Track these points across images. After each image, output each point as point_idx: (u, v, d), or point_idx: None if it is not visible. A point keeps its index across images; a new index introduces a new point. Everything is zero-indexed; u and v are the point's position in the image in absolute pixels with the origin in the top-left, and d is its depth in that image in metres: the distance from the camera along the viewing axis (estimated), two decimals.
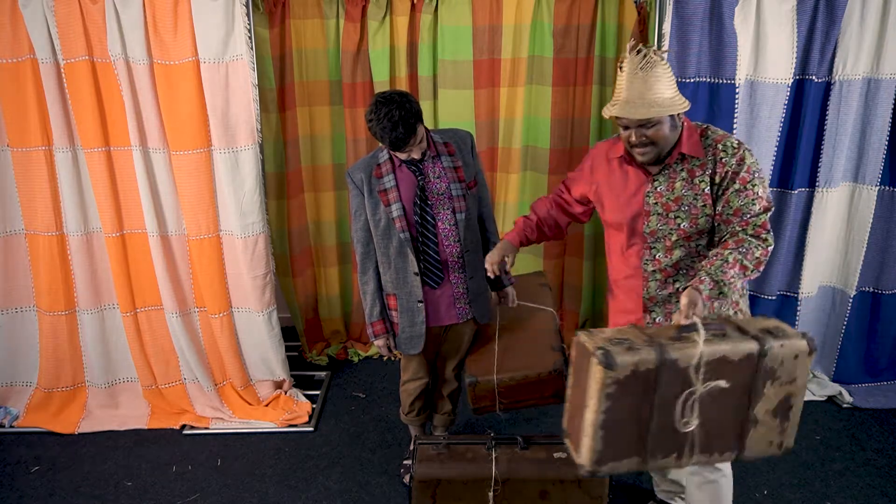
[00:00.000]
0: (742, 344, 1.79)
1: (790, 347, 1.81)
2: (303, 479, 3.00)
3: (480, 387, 2.66)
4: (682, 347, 1.77)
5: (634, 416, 1.80)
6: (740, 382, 1.82)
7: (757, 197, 2.02)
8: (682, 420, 1.81)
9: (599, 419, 1.76)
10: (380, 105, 2.35)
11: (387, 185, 2.53)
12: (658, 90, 1.98)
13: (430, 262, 2.58)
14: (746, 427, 1.87)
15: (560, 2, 3.54)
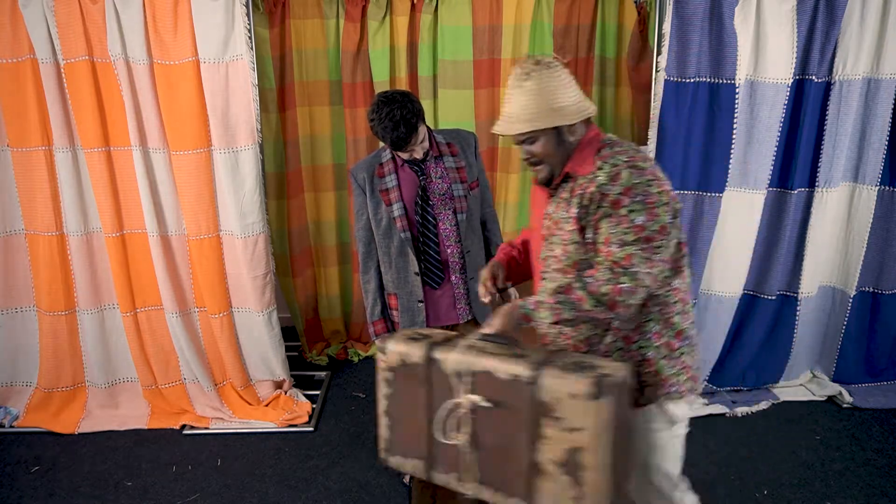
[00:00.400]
0: (510, 364, 1.62)
1: (565, 383, 1.56)
2: (303, 479, 3.00)
3: None
4: (450, 350, 1.69)
5: (415, 414, 1.75)
6: (512, 410, 1.62)
7: (632, 226, 1.67)
8: (448, 431, 1.70)
9: (383, 404, 1.79)
10: (381, 104, 2.35)
11: (388, 184, 2.53)
12: (541, 102, 1.73)
13: (430, 263, 2.58)
14: (532, 474, 1.63)
15: (560, 2, 3.54)
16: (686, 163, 3.15)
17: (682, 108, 3.06)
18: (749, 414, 3.42)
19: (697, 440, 3.22)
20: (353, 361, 4.00)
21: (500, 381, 1.63)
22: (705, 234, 3.22)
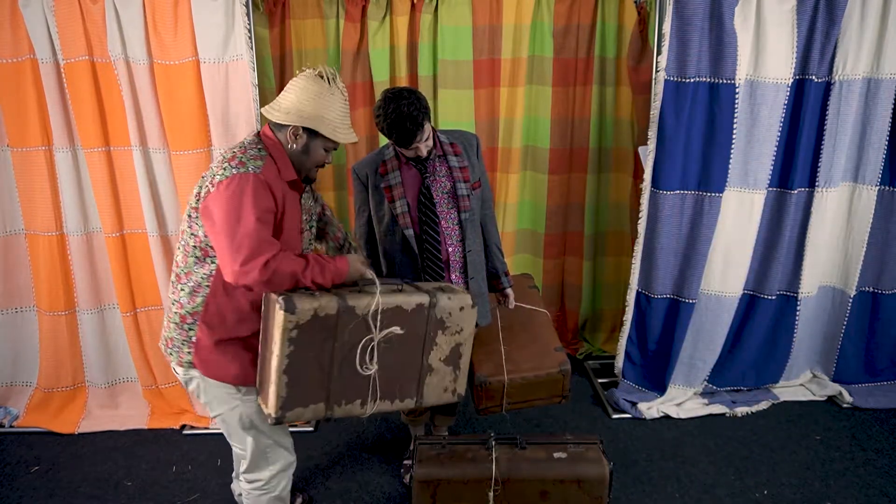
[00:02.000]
0: (414, 296, 2.08)
1: (456, 300, 2.14)
2: (303, 479, 3.00)
3: (491, 387, 2.67)
4: (360, 297, 1.99)
5: (317, 363, 1.99)
6: (414, 331, 2.09)
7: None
8: (363, 365, 2.03)
9: (283, 364, 1.94)
10: (388, 100, 2.35)
11: (392, 181, 2.53)
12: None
13: (431, 261, 2.58)
14: (423, 374, 2.15)
15: (560, 2, 3.54)
16: (686, 163, 3.15)
17: (682, 108, 3.06)
18: (749, 414, 3.42)
19: (697, 440, 3.23)
20: None
21: (407, 311, 2.07)
22: (705, 234, 3.22)
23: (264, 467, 2.28)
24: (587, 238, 3.95)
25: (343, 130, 2.11)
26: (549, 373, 2.68)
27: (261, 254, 1.90)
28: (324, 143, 2.11)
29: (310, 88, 2.06)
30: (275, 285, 1.94)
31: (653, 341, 3.46)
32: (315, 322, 1.94)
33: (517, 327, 2.91)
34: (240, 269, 1.90)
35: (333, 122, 2.08)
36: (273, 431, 2.25)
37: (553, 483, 2.53)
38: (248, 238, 1.90)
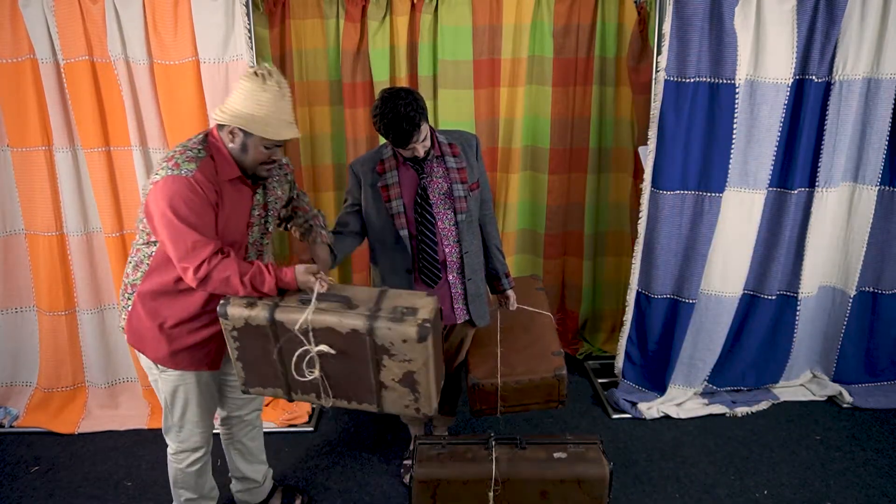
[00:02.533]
0: (349, 319, 2.02)
1: (398, 332, 2.00)
2: (303, 479, 3.00)
3: (484, 390, 2.66)
4: (291, 312, 2.04)
5: (266, 359, 2.10)
6: (356, 352, 2.06)
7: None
8: (301, 372, 2.10)
9: (235, 353, 2.13)
10: (385, 100, 2.35)
11: (389, 181, 2.53)
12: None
13: (428, 262, 2.58)
14: (378, 389, 2.15)
15: (560, 2, 3.54)
16: (686, 163, 3.15)
17: (682, 108, 3.06)
18: (749, 414, 3.42)
19: (697, 440, 3.23)
20: None
21: (341, 334, 2.03)
22: (705, 234, 3.22)
23: (174, 439, 2.42)
24: (587, 238, 3.95)
25: (276, 127, 2.07)
26: (543, 377, 2.66)
27: (194, 257, 2.02)
28: (261, 141, 2.10)
29: (244, 86, 2.07)
30: (211, 287, 2.07)
31: (653, 341, 3.46)
32: (249, 329, 2.05)
33: (517, 329, 2.90)
34: (180, 264, 2.06)
35: (266, 119, 2.06)
36: (185, 416, 2.37)
37: (553, 483, 2.53)
38: (180, 241, 2.02)
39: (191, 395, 2.33)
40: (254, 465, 2.74)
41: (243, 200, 2.20)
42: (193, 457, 2.45)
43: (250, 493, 2.77)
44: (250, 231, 2.26)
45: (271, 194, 2.32)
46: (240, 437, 2.65)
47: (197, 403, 2.35)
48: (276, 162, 2.18)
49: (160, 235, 2.07)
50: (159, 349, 2.24)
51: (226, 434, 2.65)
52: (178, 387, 2.31)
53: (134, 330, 2.26)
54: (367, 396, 2.17)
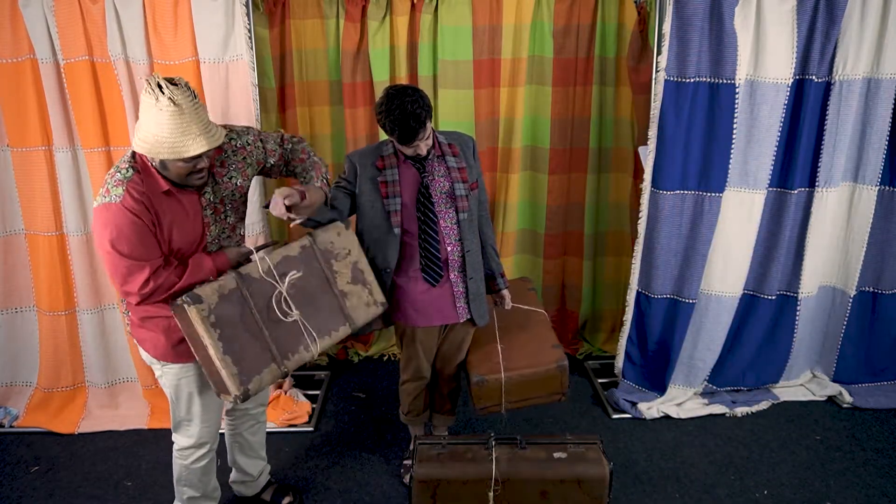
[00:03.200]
0: (294, 243, 2.33)
1: (332, 230, 2.42)
2: (303, 479, 3.00)
3: (489, 386, 2.67)
4: (250, 265, 2.22)
5: (247, 332, 2.16)
6: (311, 270, 2.33)
7: None
8: (285, 315, 2.23)
9: (220, 348, 2.10)
10: (391, 97, 2.35)
11: (388, 177, 2.53)
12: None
13: (430, 260, 2.58)
14: (342, 301, 2.38)
15: (560, 2, 3.54)
16: (686, 163, 3.14)
17: (682, 108, 3.06)
18: (749, 414, 3.42)
19: (697, 440, 3.23)
20: (353, 361, 4.00)
21: (295, 256, 2.31)
22: (705, 234, 3.22)
23: (183, 434, 2.44)
24: (587, 238, 3.95)
25: (180, 145, 1.98)
26: (546, 369, 2.69)
27: (132, 282, 2.07)
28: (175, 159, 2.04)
29: (144, 104, 1.99)
30: (158, 298, 2.13)
31: (653, 341, 3.46)
32: (223, 300, 2.12)
33: (514, 327, 2.92)
34: (121, 290, 2.12)
35: (170, 138, 1.97)
36: (190, 409, 2.38)
37: (553, 483, 2.53)
38: (116, 271, 2.08)
39: (194, 388, 2.34)
40: (252, 460, 2.76)
41: (188, 207, 2.18)
42: (199, 453, 2.46)
43: (245, 486, 2.82)
44: (208, 231, 2.25)
45: (225, 188, 2.26)
46: (241, 431, 2.69)
47: (200, 395, 2.36)
48: (203, 170, 2.10)
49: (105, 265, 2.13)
50: (159, 345, 2.27)
51: (230, 425, 2.69)
52: (181, 380, 2.33)
53: (137, 331, 2.31)
54: (339, 319, 2.38)
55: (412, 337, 2.72)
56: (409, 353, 2.78)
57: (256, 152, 2.34)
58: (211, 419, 2.43)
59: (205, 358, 2.13)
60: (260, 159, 2.36)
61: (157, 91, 1.95)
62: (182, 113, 1.96)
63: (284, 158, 2.44)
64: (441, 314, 2.66)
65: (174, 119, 1.95)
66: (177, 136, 1.96)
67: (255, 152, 2.34)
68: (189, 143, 1.98)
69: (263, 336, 2.20)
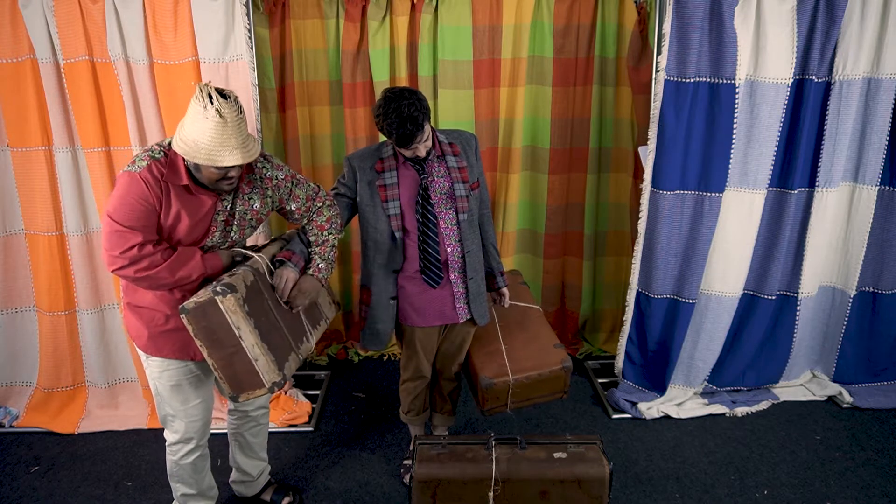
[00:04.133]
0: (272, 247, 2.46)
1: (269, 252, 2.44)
2: (303, 478, 3.00)
3: (496, 388, 2.69)
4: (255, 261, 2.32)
5: (269, 322, 2.24)
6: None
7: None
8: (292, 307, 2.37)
9: (257, 334, 2.15)
10: (389, 100, 2.35)
11: (387, 181, 2.53)
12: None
13: (430, 261, 2.58)
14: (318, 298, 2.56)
15: (560, 2, 3.54)
16: (686, 163, 3.15)
17: (682, 108, 3.06)
18: (749, 414, 3.42)
19: (697, 440, 3.23)
20: (353, 361, 4.00)
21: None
22: (705, 234, 3.22)
23: (168, 430, 2.47)
24: (587, 238, 3.95)
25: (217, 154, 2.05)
26: (552, 370, 2.72)
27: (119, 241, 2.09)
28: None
29: (191, 109, 2.07)
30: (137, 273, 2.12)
31: (653, 341, 3.46)
32: (248, 291, 2.18)
33: (514, 325, 2.93)
34: (107, 254, 2.12)
35: (209, 146, 2.04)
36: (172, 404, 2.40)
37: (553, 483, 2.53)
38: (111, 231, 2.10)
39: (173, 382, 2.36)
40: (252, 461, 2.77)
41: (202, 206, 2.21)
42: (186, 448, 2.47)
43: (244, 486, 2.83)
44: (210, 235, 2.27)
45: (242, 204, 2.30)
46: (243, 432, 2.70)
47: (180, 390, 2.37)
48: (233, 178, 2.16)
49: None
50: (141, 335, 2.31)
51: (232, 425, 2.70)
52: (163, 372, 2.35)
53: (126, 318, 2.36)
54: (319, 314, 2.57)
55: (412, 337, 2.72)
56: (409, 352, 2.78)
57: (282, 191, 2.39)
58: (194, 415, 2.43)
59: (241, 350, 2.12)
60: (283, 198, 2.41)
61: (207, 100, 2.02)
62: (225, 125, 2.03)
63: (309, 213, 2.48)
64: (441, 315, 2.66)
65: (217, 130, 2.03)
66: (215, 145, 2.04)
67: (280, 189, 2.38)
68: (226, 154, 2.05)
69: (280, 325, 2.29)
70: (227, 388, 2.18)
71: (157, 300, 2.27)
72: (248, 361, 2.13)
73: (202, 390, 2.43)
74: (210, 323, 2.09)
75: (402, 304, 2.66)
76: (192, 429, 2.44)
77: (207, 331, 2.10)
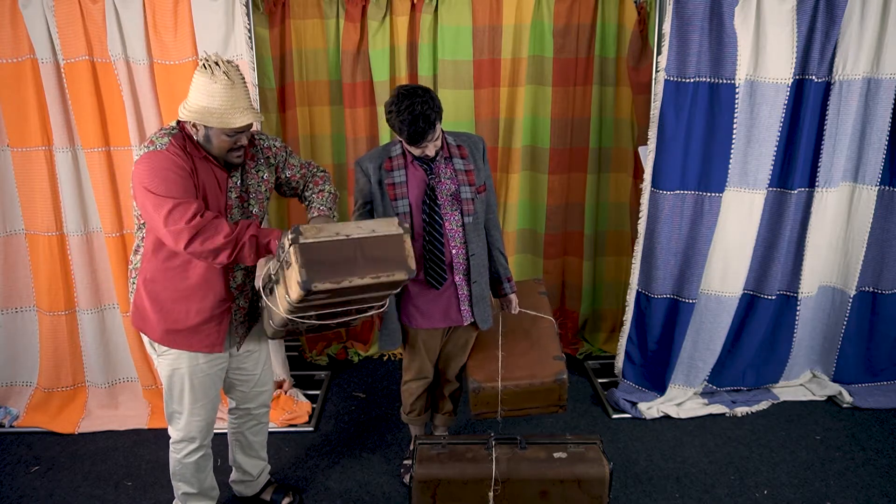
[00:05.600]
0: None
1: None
2: (303, 478, 3.00)
3: (484, 394, 2.66)
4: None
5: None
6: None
7: None
8: None
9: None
10: (402, 97, 2.35)
11: (396, 179, 2.52)
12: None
13: (435, 263, 2.58)
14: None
15: (560, 2, 3.54)
16: (686, 163, 3.15)
17: (682, 108, 3.06)
18: (749, 414, 3.42)
19: (697, 440, 3.23)
20: (353, 361, 4.00)
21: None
22: (705, 234, 3.22)
23: (174, 426, 2.47)
24: (587, 238, 3.95)
25: (230, 115, 2.15)
26: (543, 381, 2.66)
27: (179, 217, 2.07)
28: (221, 130, 2.18)
29: (197, 81, 2.16)
30: (206, 241, 2.09)
31: (653, 341, 3.46)
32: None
33: (519, 333, 2.89)
34: (168, 231, 2.09)
35: (220, 109, 2.14)
36: (182, 401, 2.42)
37: (553, 483, 2.53)
38: (162, 208, 2.09)
39: (185, 380, 2.37)
40: (252, 460, 2.77)
41: (218, 182, 2.27)
42: (190, 447, 2.47)
43: (244, 486, 2.83)
44: (230, 213, 2.31)
45: (252, 178, 2.36)
46: (244, 431, 2.70)
47: (191, 389, 2.38)
48: (242, 147, 2.24)
49: (145, 211, 2.15)
50: (157, 327, 2.31)
51: (233, 424, 2.70)
52: (175, 370, 2.36)
53: (136, 310, 2.35)
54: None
55: (415, 338, 2.72)
56: (412, 353, 2.78)
57: (279, 158, 2.46)
58: (201, 414, 2.44)
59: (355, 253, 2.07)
60: (280, 166, 2.45)
61: (215, 66, 2.13)
62: (234, 87, 2.15)
63: (305, 179, 2.51)
64: (445, 317, 2.66)
65: (226, 93, 2.13)
66: (227, 107, 2.14)
67: (278, 157, 2.45)
68: (237, 115, 2.15)
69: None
70: (407, 268, 2.10)
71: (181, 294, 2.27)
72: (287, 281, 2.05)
73: (210, 390, 2.44)
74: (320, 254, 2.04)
75: (407, 305, 2.65)
76: (197, 428, 2.45)
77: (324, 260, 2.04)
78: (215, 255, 2.12)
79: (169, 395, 2.42)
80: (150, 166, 2.13)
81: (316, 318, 2.22)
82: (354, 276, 2.04)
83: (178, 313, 2.29)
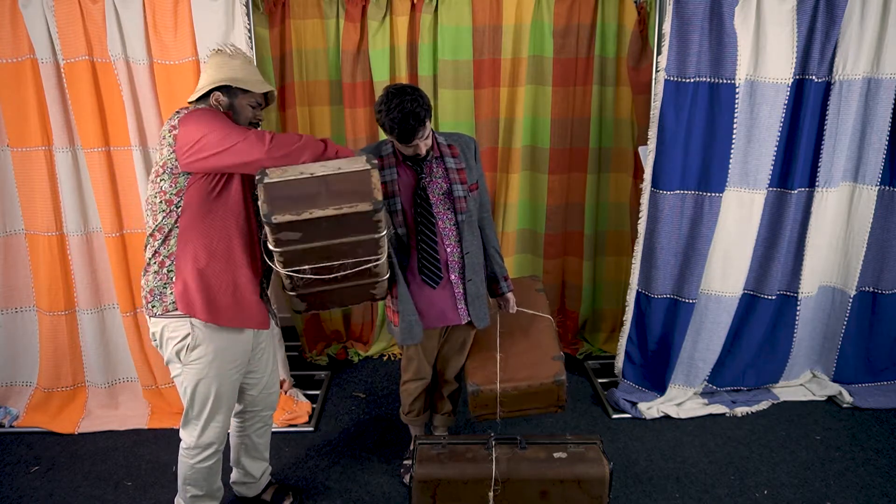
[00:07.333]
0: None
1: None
2: (303, 478, 3.00)
3: (483, 396, 2.66)
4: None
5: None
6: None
7: None
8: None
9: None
10: (391, 96, 2.35)
11: (387, 177, 2.53)
12: None
13: (429, 262, 2.58)
14: None
15: (560, 2, 3.54)
16: (686, 163, 3.15)
17: (682, 108, 3.06)
18: (749, 414, 3.42)
19: (697, 440, 3.23)
20: (353, 361, 4.01)
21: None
22: (705, 234, 3.22)
23: (190, 434, 2.45)
24: (587, 238, 3.95)
25: (255, 83, 2.31)
26: (542, 383, 2.66)
27: (256, 140, 2.13)
28: (246, 100, 2.30)
29: (214, 61, 2.31)
30: (286, 152, 2.15)
31: (653, 341, 3.46)
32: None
33: (517, 333, 2.89)
34: (250, 159, 2.12)
35: (245, 77, 2.30)
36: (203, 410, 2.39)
37: (553, 483, 2.53)
38: (235, 135, 2.13)
39: (213, 387, 2.35)
40: (256, 462, 2.77)
41: None
42: (206, 453, 2.47)
43: (246, 487, 2.82)
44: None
45: None
46: (249, 433, 2.70)
47: (217, 397, 2.37)
48: (260, 121, 2.37)
49: (209, 154, 2.13)
50: (206, 306, 2.25)
51: (238, 427, 2.69)
52: (201, 379, 2.34)
53: (181, 295, 2.25)
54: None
55: None
56: (410, 353, 2.78)
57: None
58: (222, 421, 2.44)
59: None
60: None
61: (227, 46, 2.37)
62: (250, 62, 2.38)
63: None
64: (442, 316, 2.66)
65: (245, 65, 2.34)
66: (251, 75, 2.33)
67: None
68: (261, 84, 2.34)
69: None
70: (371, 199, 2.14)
71: (230, 269, 2.27)
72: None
73: (233, 397, 2.44)
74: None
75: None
76: (215, 435, 2.44)
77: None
78: (301, 151, 2.18)
79: (191, 405, 2.38)
80: (204, 115, 2.17)
81: (311, 272, 2.24)
82: (315, 208, 2.09)
83: (226, 284, 2.26)
